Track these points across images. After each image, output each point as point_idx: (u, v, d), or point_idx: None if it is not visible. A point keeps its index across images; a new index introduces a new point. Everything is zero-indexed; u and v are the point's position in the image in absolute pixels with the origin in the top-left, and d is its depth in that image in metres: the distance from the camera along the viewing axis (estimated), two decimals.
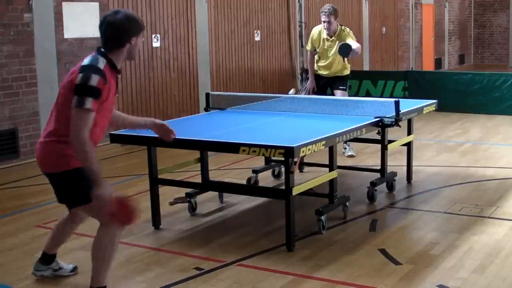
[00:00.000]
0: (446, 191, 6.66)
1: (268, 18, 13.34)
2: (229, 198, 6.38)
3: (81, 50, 9.18)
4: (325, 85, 8.37)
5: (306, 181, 5.40)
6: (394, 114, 5.88)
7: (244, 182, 6.81)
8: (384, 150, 6.35)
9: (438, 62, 21.94)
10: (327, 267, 4.61)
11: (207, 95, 6.74)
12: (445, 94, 11.75)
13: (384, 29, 18.33)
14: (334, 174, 5.51)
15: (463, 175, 7.32)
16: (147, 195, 5.79)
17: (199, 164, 6.09)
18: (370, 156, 8.20)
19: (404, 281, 4.36)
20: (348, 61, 8.22)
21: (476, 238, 5.17)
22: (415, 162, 7.27)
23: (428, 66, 21.07)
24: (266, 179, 7.12)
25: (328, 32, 8.02)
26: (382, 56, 18.26)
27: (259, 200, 6.33)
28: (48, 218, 5.86)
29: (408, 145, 6.93)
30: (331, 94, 8.28)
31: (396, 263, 4.67)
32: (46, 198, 6.39)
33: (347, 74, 8.31)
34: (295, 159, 5.18)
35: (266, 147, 4.73)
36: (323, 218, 5.35)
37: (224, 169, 7.83)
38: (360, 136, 5.87)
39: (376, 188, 6.24)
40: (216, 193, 6.34)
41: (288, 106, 6.78)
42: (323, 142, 4.96)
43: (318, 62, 8.31)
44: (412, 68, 19.23)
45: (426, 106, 6.85)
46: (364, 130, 5.68)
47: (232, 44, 12.38)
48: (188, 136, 5.28)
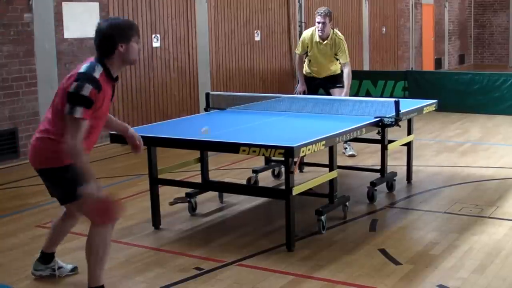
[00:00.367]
0: (446, 191, 6.66)
1: (268, 18, 13.35)
2: (229, 198, 6.38)
3: (81, 50, 9.19)
4: (317, 86, 8.34)
5: (306, 181, 5.40)
6: (394, 114, 5.88)
7: (244, 182, 6.82)
8: (384, 150, 6.35)
9: (438, 62, 21.94)
10: (327, 267, 4.61)
11: (207, 95, 6.74)
12: (445, 94, 11.75)
13: (384, 29, 18.33)
14: (334, 174, 5.51)
15: (463, 175, 7.32)
16: (147, 195, 5.79)
17: (199, 164, 6.09)
18: (370, 156, 8.20)
19: (404, 281, 4.36)
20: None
21: (476, 238, 5.17)
22: (415, 162, 7.27)
23: (428, 66, 21.07)
24: (266, 179, 7.12)
25: (321, 35, 7.97)
26: (382, 56, 18.26)
27: (259, 200, 6.33)
28: (48, 218, 5.85)
29: (408, 145, 6.93)
30: (326, 94, 8.26)
31: (396, 263, 4.67)
32: (46, 198, 6.35)
33: (339, 73, 8.27)
34: (295, 159, 5.17)
35: (266, 147, 4.73)
36: (323, 218, 5.35)
37: (224, 169, 7.83)
38: (360, 136, 5.87)
39: (376, 188, 6.24)
40: (216, 193, 6.34)
41: (288, 106, 6.78)
42: (323, 142, 4.96)
43: (309, 65, 8.28)
44: (412, 68, 19.23)
45: (426, 106, 6.85)
46: (364, 130, 5.68)
47: (232, 44, 12.38)
48: (188, 136, 5.28)
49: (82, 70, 3.88)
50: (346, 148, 8.42)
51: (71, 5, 9.16)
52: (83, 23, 9.24)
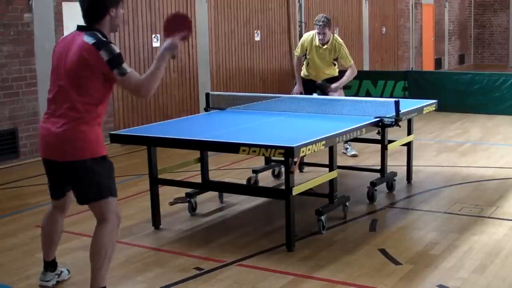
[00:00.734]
0: (446, 191, 6.66)
1: (268, 18, 13.34)
2: (229, 198, 6.38)
3: None
4: (314, 89, 8.36)
5: (306, 181, 5.40)
6: (394, 114, 5.88)
7: (244, 182, 6.82)
8: (384, 150, 6.35)
9: (438, 62, 21.94)
10: (327, 267, 4.61)
11: (207, 95, 6.74)
12: (445, 94, 11.75)
13: (384, 29, 18.33)
14: (334, 174, 5.51)
15: (463, 175, 7.32)
16: (147, 195, 5.79)
17: (199, 164, 6.09)
18: (370, 156, 8.20)
19: (404, 281, 4.36)
20: (337, 65, 8.30)
21: (476, 238, 5.17)
22: (415, 162, 7.27)
23: (428, 66, 21.07)
24: (266, 179, 7.12)
25: (321, 42, 8.06)
26: (382, 56, 18.26)
27: (259, 200, 6.33)
28: None
29: (408, 145, 6.93)
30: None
31: (396, 263, 4.67)
32: (46, 198, 6.34)
33: (336, 75, 8.31)
34: (295, 159, 5.17)
35: (266, 147, 4.73)
36: (323, 218, 5.35)
37: (224, 169, 7.83)
38: (360, 136, 5.87)
39: (376, 188, 6.24)
40: (216, 193, 6.34)
41: (288, 106, 6.78)
42: (323, 142, 4.96)
43: (307, 68, 8.31)
44: (412, 68, 19.23)
45: (426, 106, 6.86)
46: (364, 130, 5.68)
47: (232, 44, 12.38)
48: (188, 136, 5.28)
49: (92, 40, 3.78)
50: (347, 148, 8.42)
51: (71, 5, 9.15)
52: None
